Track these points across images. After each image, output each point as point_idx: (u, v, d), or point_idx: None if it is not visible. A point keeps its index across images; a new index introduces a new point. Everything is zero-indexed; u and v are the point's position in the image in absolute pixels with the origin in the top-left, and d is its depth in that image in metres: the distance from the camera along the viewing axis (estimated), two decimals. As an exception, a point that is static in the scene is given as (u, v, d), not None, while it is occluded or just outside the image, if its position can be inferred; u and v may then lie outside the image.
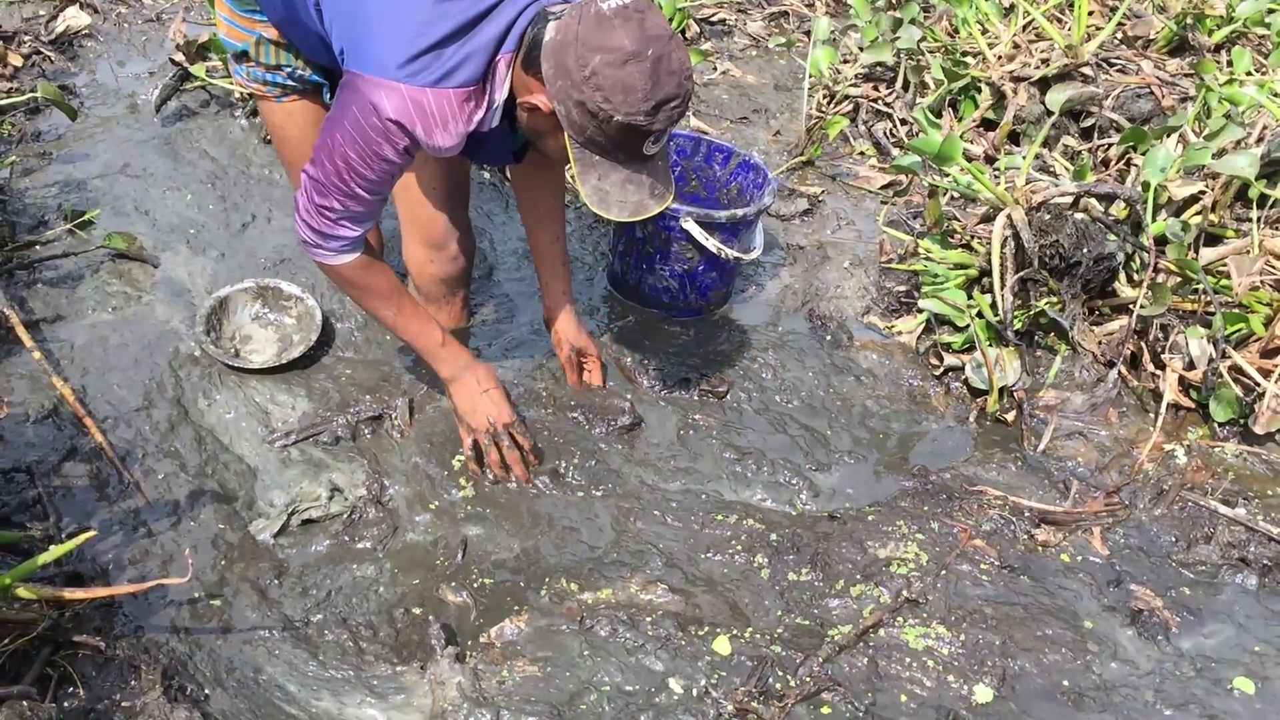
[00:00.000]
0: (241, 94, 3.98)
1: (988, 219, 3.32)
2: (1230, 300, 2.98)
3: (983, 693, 2.27)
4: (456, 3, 2.02)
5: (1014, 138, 4.11)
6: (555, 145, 2.15)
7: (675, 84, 1.97)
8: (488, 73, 2.08)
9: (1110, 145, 3.84)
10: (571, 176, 2.68)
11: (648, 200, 2.13)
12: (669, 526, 2.58)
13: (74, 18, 4.47)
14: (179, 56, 3.96)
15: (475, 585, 2.40)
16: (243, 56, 2.52)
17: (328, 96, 2.60)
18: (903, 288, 3.46)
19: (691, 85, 2.01)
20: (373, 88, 2.03)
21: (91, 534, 2.10)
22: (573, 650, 2.27)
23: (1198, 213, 3.24)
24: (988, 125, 4.21)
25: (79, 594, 2.05)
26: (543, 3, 2.08)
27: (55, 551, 2.01)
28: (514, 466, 2.61)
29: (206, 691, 2.13)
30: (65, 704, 2.00)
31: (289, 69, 2.51)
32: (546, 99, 2.04)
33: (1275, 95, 3.70)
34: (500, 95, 2.13)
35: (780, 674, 2.26)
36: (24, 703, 1.81)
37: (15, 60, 4.17)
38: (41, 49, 4.28)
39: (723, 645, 2.30)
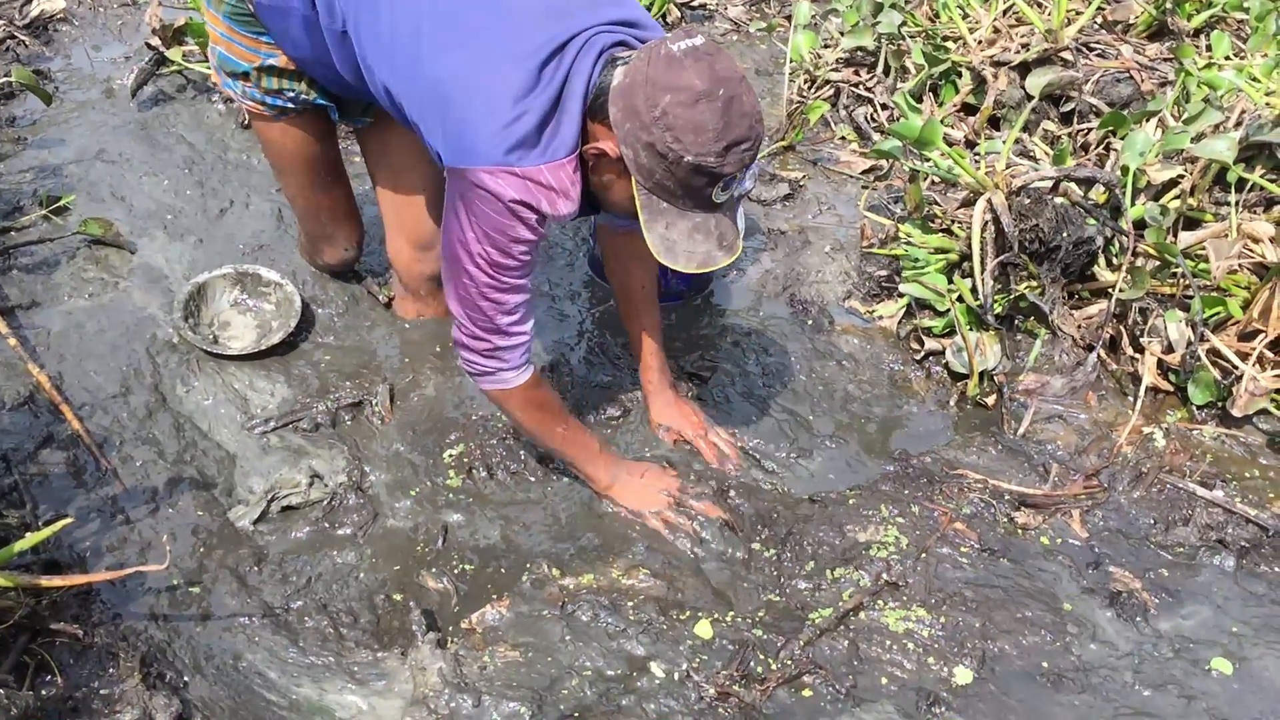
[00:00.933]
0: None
1: (968, 203, 3.31)
2: (1209, 284, 2.99)
3: (963, 674, 2.28)
4: (541, 72, 1.94)
5: (994, 122, 4.11)
6: (622, 195, 2.04)
7: (746, 126, 1.89)
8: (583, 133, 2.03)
9: (1090, 130, 3.84)
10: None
11: (715, 251, 2.02)
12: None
13: (49, 2, 4.42)
14: (155, 41, 3.92)
15: (456, 571, 2.40)
16: (242, 76, 2.45)
17: (335, 116, 2.56)
18: (883, 272, 3.47)
19: (762, 129, 1.93)
20: (487, 178, 1.97)
21: (68, 521, 2.09)
22: (554, 635, 2.27)
23: (1176, 197, 3.25)
24: (968, 110, 4.21)
25: (56, 581, 2.04)
26: (611, 49, 2.00)
27: (32, 539, 2.00)
28: (710, 514, 2.56)
29: (186, 679, 2.12)
30: (43, 692, 1.99)
31: (292, 93, 2.47)
32: (614, 144, 1.96)
33: (1254, 79, 3.71)
34: None
35: (761, 657, 2.26)
36: (1, 690, 1.79)
37: (-11, 45, 4.13)
38: (15, 33, 4.24)
39: (704, 629, 2.31)
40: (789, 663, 2.26)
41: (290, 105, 2.49)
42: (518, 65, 1.94)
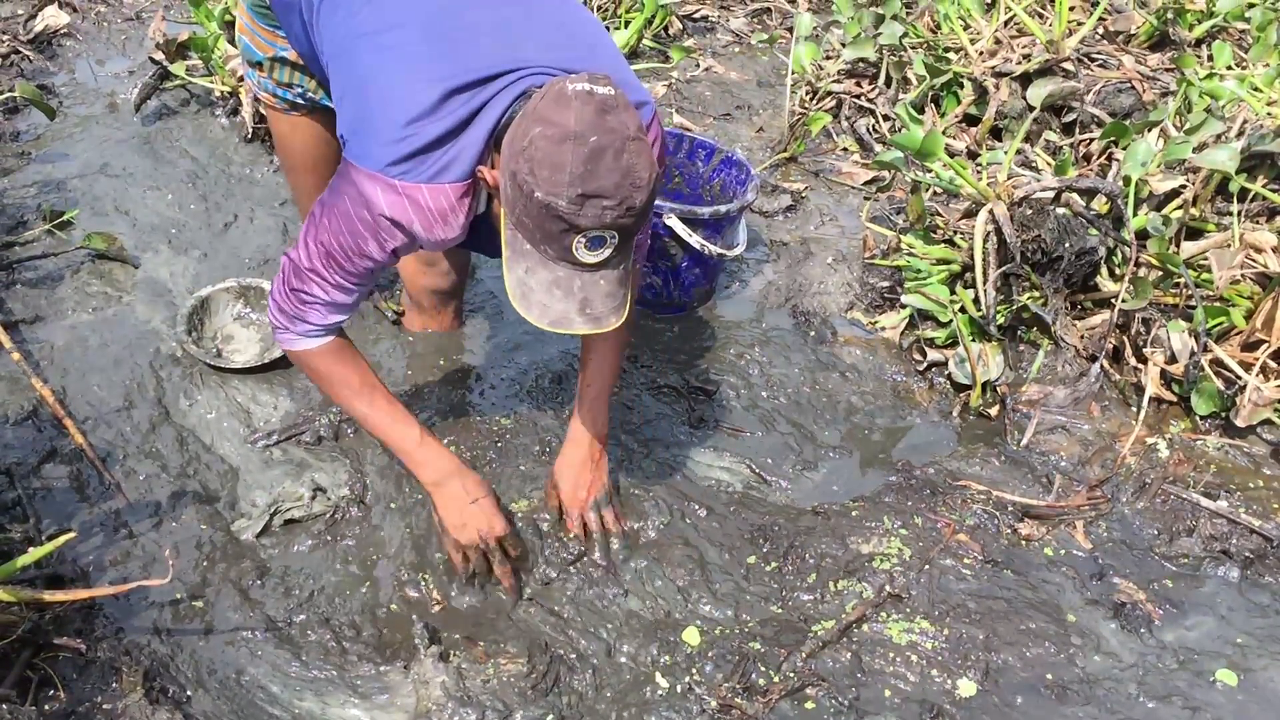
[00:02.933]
0: (222, 92, 3.96)
1: (970, 214, 3.32)
2: (1211, 294, 2.99)
3: (966, 687, 2.27)
4: (456, 98, 1.90)
5: (996, 133, 4.12)
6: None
7: (614, 182, 1.73)
8: (481, 162, 1.97)
9: (1092, 140, 3.85)
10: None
11: (574, 315, 1.87)
12: (655, 516, 2.57)
13: (53, 16, 4.44)
14: (159, 55, 3.94)
15: (458, 584, 2.39)
16: (257, 65, 2.50)
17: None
18: (886, 283, 3.47)
19: (642, 198, 1.77)
20: (367, 181, 1.93)
21: (71, 535, 2.09)
22: (557, 646, 2.27)
23: (1179, 207, 3.25)
24: (970, 121, 4.22)
25: (59, 595, 2.04)
26: (534, 86, 1.93)
27: (35, 553, 2.00)
28: (503, 580, 2.37)
29: (189, 693, 2.12)
30: (46, 707, 1.99)
31: (300, 89, 2.49)
32: (496, 173, 1.90)
33: (1255, 89, 3.72)
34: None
35: (763, 669, 2.26)
36: (3, 706, 1.79)
37: (-7, 60, 4.15)
38: (20, 48, 4.26)
39: (703, 639, 2.31)
40: (791, 675, 2.25)
41: (300, 100, 2.52)
42: (430, 86, 1.89)
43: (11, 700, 1.87)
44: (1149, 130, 3.52)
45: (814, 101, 4.46)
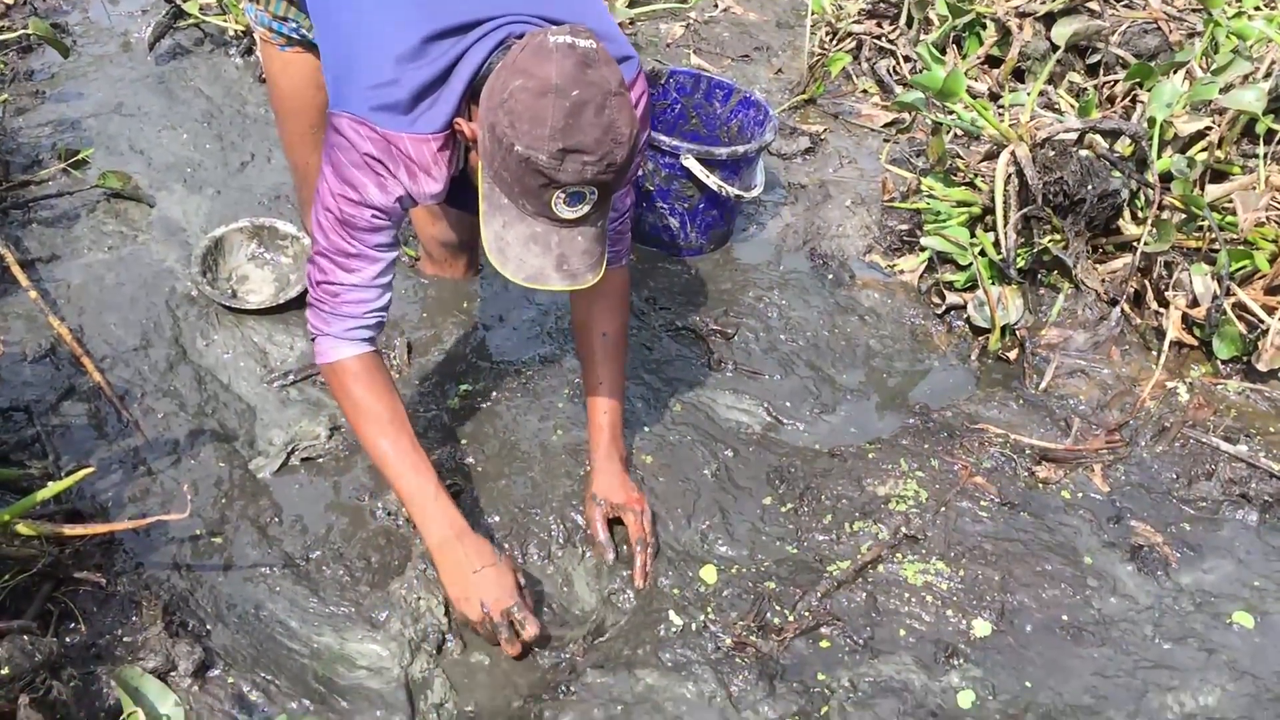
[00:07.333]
0: (236, 31, 3.93)
1: (991, 156, 3.28)
2: (1235, 237, 2.95)
3: (981, 627, 2.28)
4: (437, 45, 1.88)
5: (1019, 74, 4.06)
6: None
7: (595, 137, 1.72)
8: (459, 114, 1.95)
9: (1116, 81, 3.79)
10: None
11: (550, 271, 1.86)
12: (674, 460, 2.57)
13: (65, -45, 4.39)
14: (172, -7, 3.90)
15: (473, 520, 2.39)
16: None
17: None
18: (905, 226, 3.43)
19: (623, 154, 1.75)
20: (349, 125, 1.92)
21: (90, 470, 2.10)
22: (570, 573, 2.28)
23: (1204, 149, 3.20)
24: (992, 62, 4.15)
25: (79, 530, 2.05)
26: (513, 35, 1.90)
27: (54, 487, 2.01)
28: (507, 650, 2.13)
29: (208, 627, 2.13)
30: (67, 639, 2.00)
31: (294, 24, 2.46)
32: (475, 125, 1.88)
33: (1284, 29, 3.64)
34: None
35: (778, 608, 2.26)
36: (24, 636, 1.81)
37: (6, -2, 4.12)
38: (33, -13, 4.22)
39: (720, 578, 2.31)
40: (806, 614, 2.26)
41: (295, 36, 2.48)
42: (410, 31, 1.88)
43: (33, 631, 1.88)
44: (1175, 71, 3.46)
45: (834, 42, 4.40)
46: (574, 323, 2.45)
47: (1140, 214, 3.14)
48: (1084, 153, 3.05)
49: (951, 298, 3.12)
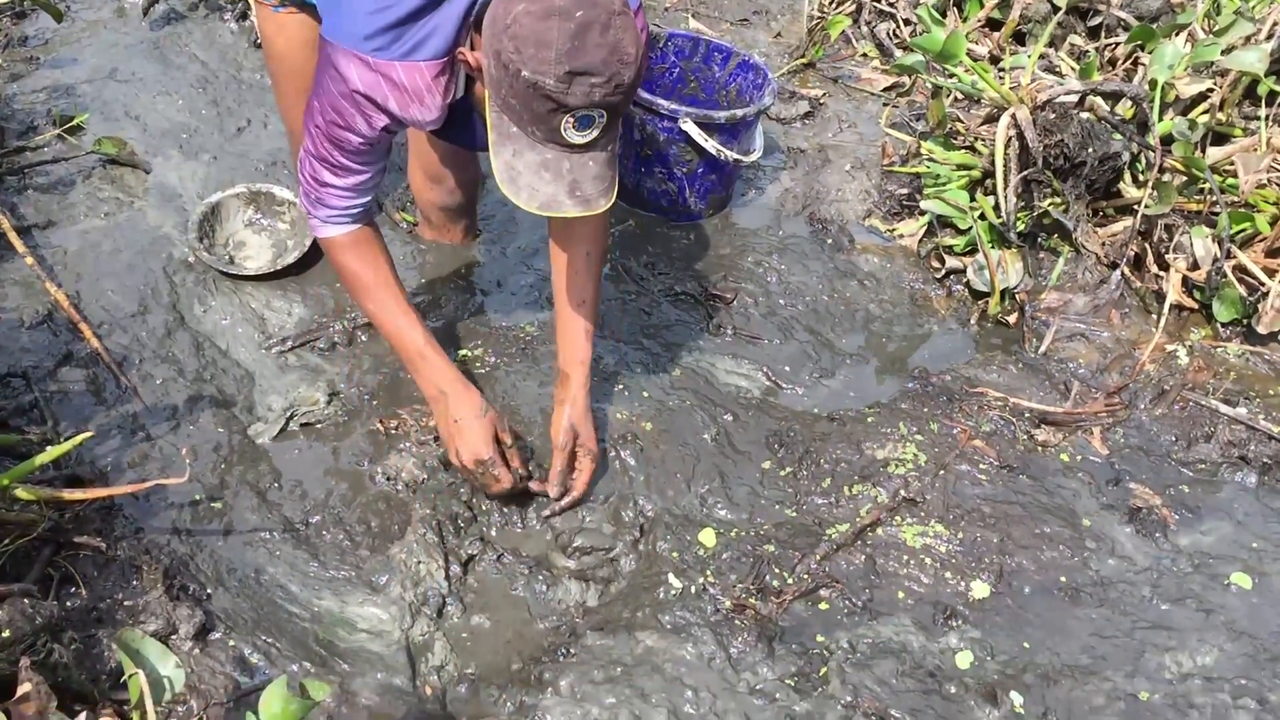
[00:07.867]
0: (231, -4, 3.90)
1: (991, 119, 3.26)
2: (1236, 199, 2.94)
3: (980, 589, 2.28)
4: None
5: (1019, 37, 4.03)
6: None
7: (602, 58, 1.70)
8: (458, 42, 1.94)
9: (1117, 44, 3.76)
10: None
11: (563, 198, 1.85)
12: (673, 425, 2.57)
13: (57, -81, 4.35)
14: (166, -42, 3.86)
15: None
16: None
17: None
18: (904, 190, 3.42)
19: (630, 74, 1.74)
20: (342, 57, 1.92)
21: (89, 435, 2.09)
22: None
23: (1205, 111, 3.18)
24: (993, 25, 4.12)
25: (78, 494, 2.05)
26: None
27: (53, 452, 2.00)
28: (491, 487, 2.30)
29: (209, 591, 2.14)
30: (67, 603, 2.01)
31: None
32: (479, 54, 1.86)
33: (1288, -9, 3.61)
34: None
35: (777, 571, 2.27)
36: (25, 600, 1.81)
37: (-1, -37, 4.08)
38: (25, -49, 4.18)
39: (719, 541, 2.32)
40: (805, 576, 2.26)
41: None
42: None
43: (33, 595, 1.88)
44: (1176, 33, 3.43)
45: (833, 6, 4.36)
46: (552, 238, 2.39)
47: (1141, 177, 3.12)
48: (1085, 115, 3.04)
49: (951, 262, 3.11)
